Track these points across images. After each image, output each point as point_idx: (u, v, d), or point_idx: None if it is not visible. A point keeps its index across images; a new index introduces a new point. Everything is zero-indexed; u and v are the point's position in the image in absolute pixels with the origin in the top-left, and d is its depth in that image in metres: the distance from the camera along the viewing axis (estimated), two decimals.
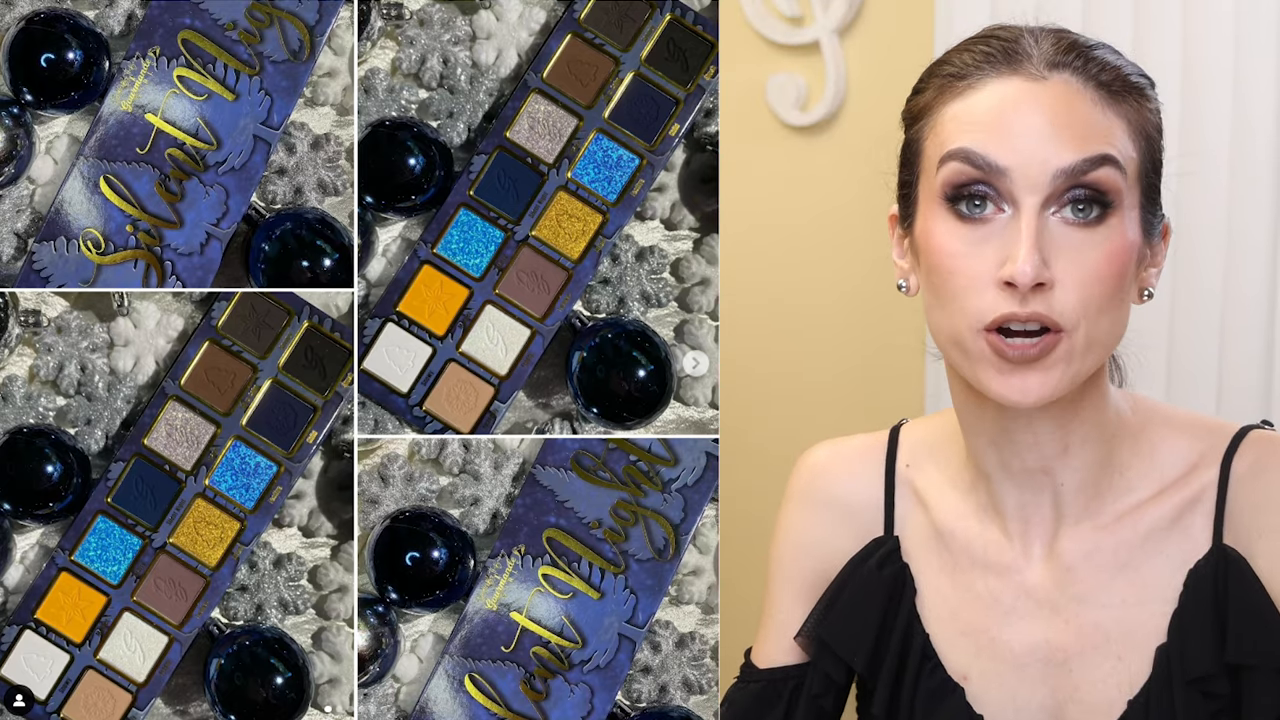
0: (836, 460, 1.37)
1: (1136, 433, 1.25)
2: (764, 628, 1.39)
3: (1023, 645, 1.24)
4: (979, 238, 1.15)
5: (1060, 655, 1.23)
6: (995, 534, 1.25)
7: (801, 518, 1.36)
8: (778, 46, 3.06)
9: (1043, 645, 1.24)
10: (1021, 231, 1.13)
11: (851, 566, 1.32)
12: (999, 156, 1.14)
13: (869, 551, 1.31)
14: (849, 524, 1.33)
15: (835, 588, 1.32)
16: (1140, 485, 1.24)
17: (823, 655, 1.31)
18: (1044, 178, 1.13)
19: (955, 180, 1.16)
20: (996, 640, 1.25)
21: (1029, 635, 1.24)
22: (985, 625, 1.25)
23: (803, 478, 1.38)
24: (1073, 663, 1.23)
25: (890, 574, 1.29)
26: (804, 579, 1.34)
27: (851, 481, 1.35)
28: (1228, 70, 2.38)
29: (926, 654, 1.26)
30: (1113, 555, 1.23)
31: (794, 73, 3.04)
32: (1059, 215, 1.14)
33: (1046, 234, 1.14)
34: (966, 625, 1.26)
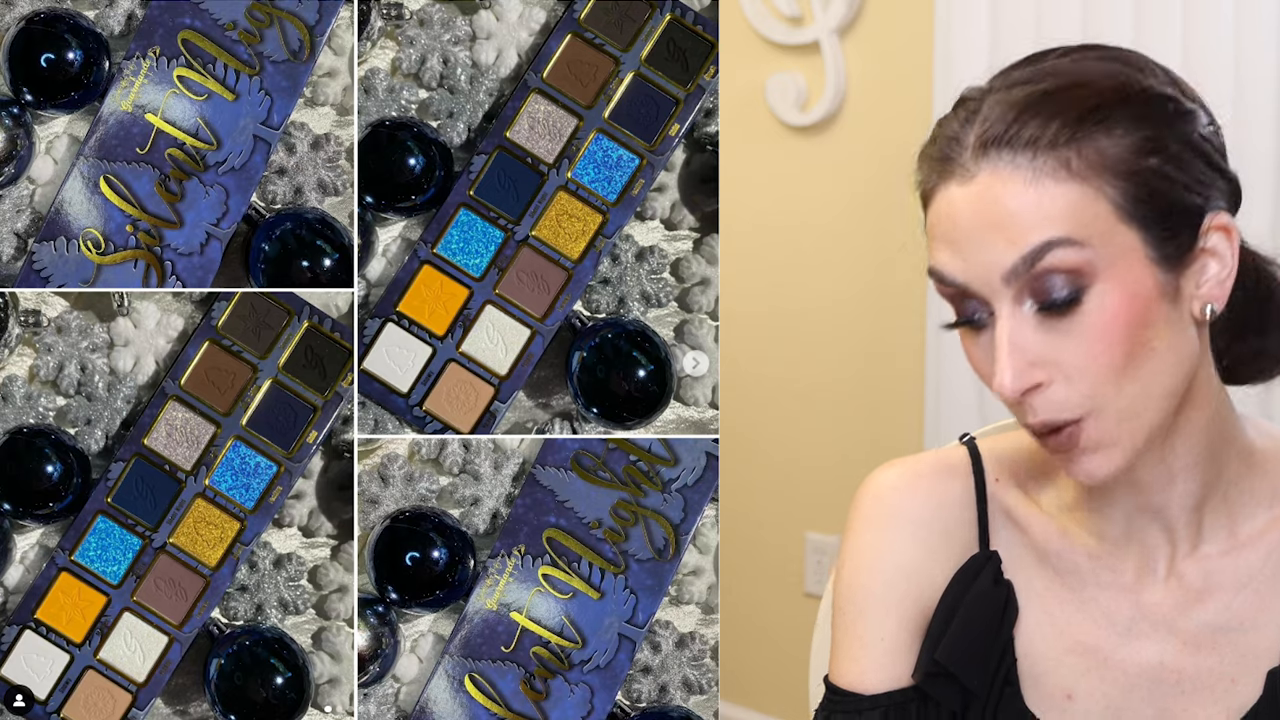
0: (917, 479, 1.28)
1: (1261, 457, 1.20)
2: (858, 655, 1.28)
3: (1135, 665, 1.21)
4: (983, 341, 1.12)
5: (1173, 677, 1.20)
6: (1107, 554, 1.22)
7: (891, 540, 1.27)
8: (778, 46, 3.06)
9: (1156, 666, 1.21)
10: (997, 344, 1.09)
11: (959, 584, 1.25)
12: (955, 273, 1.10)
13: (974, 567, 1.25)
14: (945, 544, 1.26)
15: (946, 608, 1.25)
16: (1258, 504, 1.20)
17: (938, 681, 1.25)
18: (997, 283, 1.08)
19: (941, 295, 1.15)
20: (1108, 660, 1.21)
21: (1143, 655, 1.21)
22: (1097, 644, 1.22)
23: (884, 500, 1.28)
24: (1185, 684, 1.20)
25: (1001, 593, 1.24)
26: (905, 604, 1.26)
27: (942, 499, 1.26)
28: (1228, 70, 2.38)
29: (1009, 679, 1.23)
30: (1233, 576, 1.20)
31: (794, 72, 3.04)
32: (1033, 307, 1.09)
33: (1027, 333, 1.09)
34: (1074, 644, 1.22)
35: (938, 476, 1.27)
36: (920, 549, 1.26)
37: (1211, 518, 1.20)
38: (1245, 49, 2.37)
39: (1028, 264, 1.07)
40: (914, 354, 2.93)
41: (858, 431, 3.07)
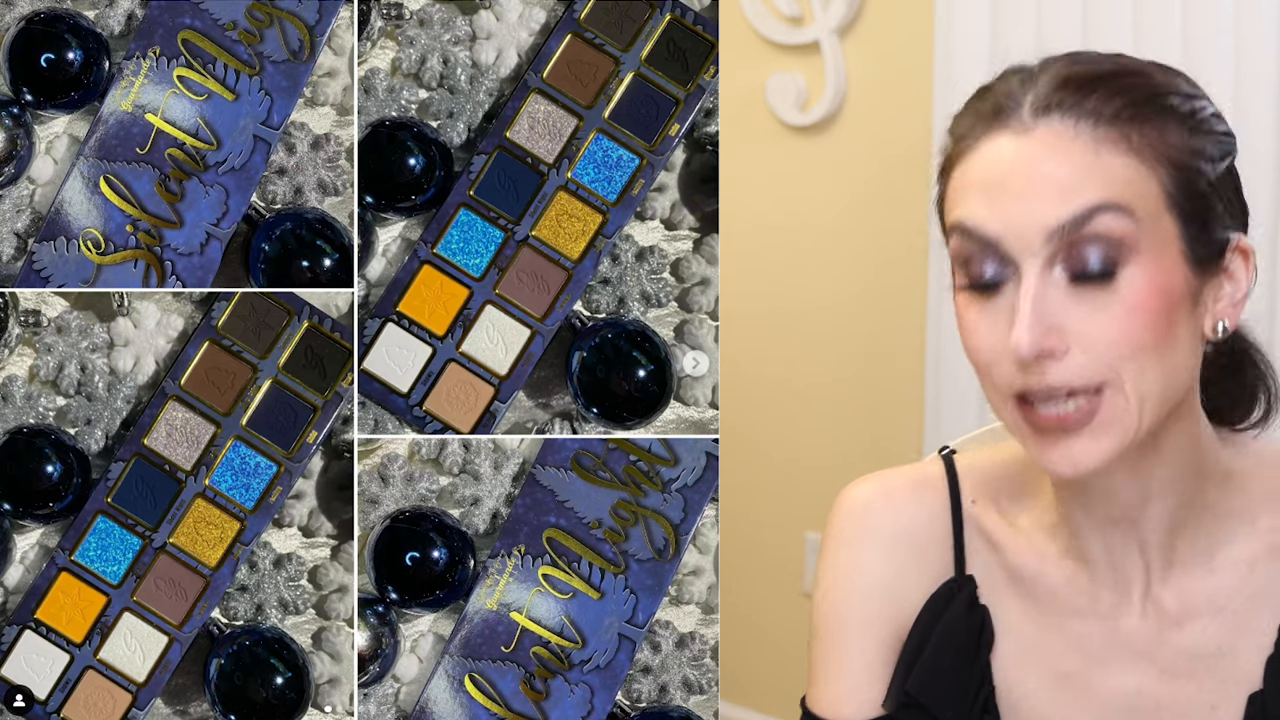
0: (891, 494, 1.26)
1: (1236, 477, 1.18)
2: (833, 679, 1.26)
3: (1112, 693, 1.19)
4: (993, 307, 1.08)
5: (1151, 704, 1.18)
6: (1084, 580, 1.19)
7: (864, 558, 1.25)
8: (778, 46, 3.06)
9: (1133, 694, 1.19)
10: (1020, 301, 1.06)
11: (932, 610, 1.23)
12: (990, 225, 1.07)
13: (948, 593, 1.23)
14: (918, 561, 1.23)
15: (918, 635, 1.23)
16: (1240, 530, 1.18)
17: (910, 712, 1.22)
18: (1037, 240, 1.06)
19: (960, 253, 1.10)
20: (1085, 689, 1.19)
21: (1120, 683, 1.19)
22: (1073, 671, 1.20)
23: (856, 516, 1.26)
24: (1164, 713, 1.18)
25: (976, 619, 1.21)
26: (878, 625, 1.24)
27: (915, 515, 1.24)
28: (1228, 70, 2.38)
29: (987, 707, 1.22)
30: (1209, 600, 1.17)
31: (794, 72, 3.04)
32: (1065, 274, 1.06)
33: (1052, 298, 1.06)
34: (1051, 672, 1.20)
35: (912, 491, 1.25)
36: (893, 567, 1.24)
37: (1187, 541, 1.17)
38: (1245, 49, 2.37)
39: (1076, 224, 1.05)
40: (914, 354, 2.93)
41: (858, 431, 3.07)
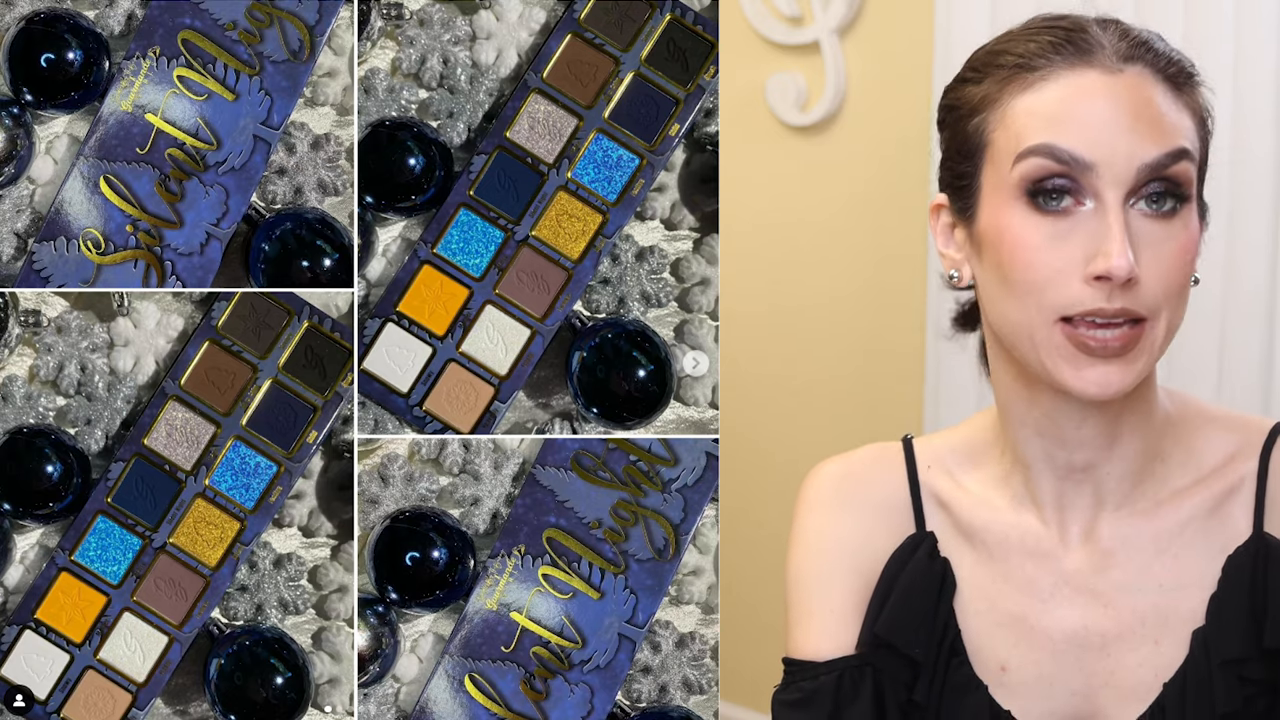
0: (856, 465, 1.36)
1: (1177, 424, 1.26)
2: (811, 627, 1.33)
3: (1060, 631, 1.25)
4: (1060, 231, 1.15)
5: (1097, 640, 1.24)
6: (1032, 522, 1.27)
7: (836, 521, 1.34)
8: (778, 46, 3.06)
9: (1080, 631, 1.25)
10: (1111, 226, 1.14)
11: (898, 561, 1.31)
12: (1084, 151, 1.14)
13: (911, 545, 1.31)
14: (885, 523, 1.32)
15: (885, 583, 1.31)
16: (1179, 474, 1.25)
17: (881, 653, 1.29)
18: (1128, 172, 1.14)
19: (1036, 175, 1.16)
20: (1035, 628, 1.26)
21: (1066, 621, 1.25)
22: (1023, 613, 1.26)
23: (826, 485, 1.36)
24: (1110, 647, 1.24)
25: (938, 568, 1.29)
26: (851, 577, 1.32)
27: (879, 482, 1.34)
28: (1228, 70, 2.38)
29: (955, 649, 1.27)
30: (1151, 541, 1.24)
31: (794, 72, 3.04)
32: (1137, 208, 1.15)
33: (1137, 225, 1.15)
34: (1004, 615, 1.27)
35: (875, 464, 1.35)
36: (862, 528, 1.32)
37: (1137, 485, 1.24)
38: (1245, 49, 2.38)
39: (1166, 162, 1.14)
40: (914, 354, 2.93)
41: (857, 431, 3.07)
